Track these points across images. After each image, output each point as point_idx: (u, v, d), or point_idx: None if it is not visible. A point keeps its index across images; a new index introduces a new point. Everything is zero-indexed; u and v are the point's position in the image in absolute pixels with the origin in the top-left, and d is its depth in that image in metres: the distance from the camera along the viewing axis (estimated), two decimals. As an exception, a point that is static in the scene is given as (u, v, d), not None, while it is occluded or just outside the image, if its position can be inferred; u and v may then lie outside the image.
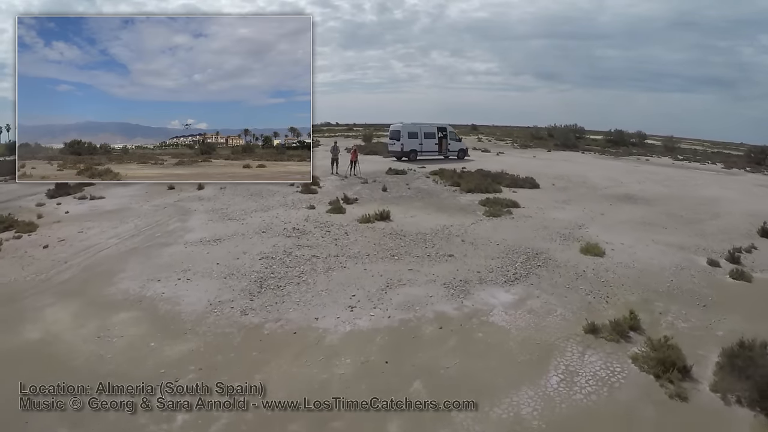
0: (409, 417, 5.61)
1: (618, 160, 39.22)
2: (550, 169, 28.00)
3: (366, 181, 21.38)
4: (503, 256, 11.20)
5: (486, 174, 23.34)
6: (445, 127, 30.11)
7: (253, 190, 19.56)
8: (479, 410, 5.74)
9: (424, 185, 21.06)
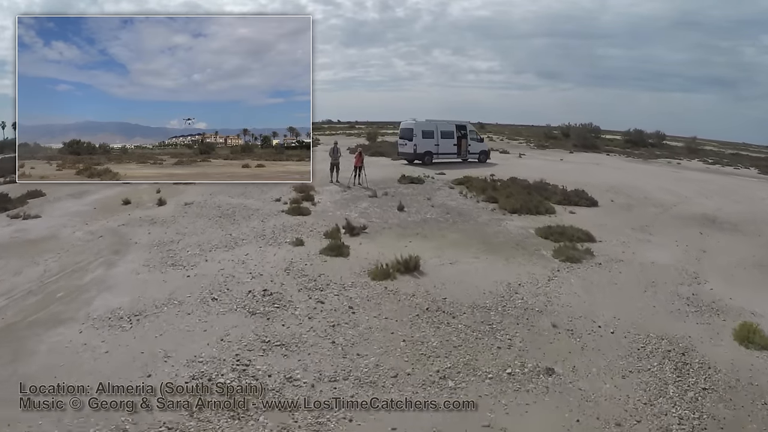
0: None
1: (650, 163, 34.02)
2: (590, 176, 22.79)
3: (375, 194, 16.15)
4: (634, 363, 6.09)
5: (525, 185, 18.16)
6: (464, 125, 24.85)
7: (225, 208, 14.37)
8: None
9: (451, 200, 15.85)
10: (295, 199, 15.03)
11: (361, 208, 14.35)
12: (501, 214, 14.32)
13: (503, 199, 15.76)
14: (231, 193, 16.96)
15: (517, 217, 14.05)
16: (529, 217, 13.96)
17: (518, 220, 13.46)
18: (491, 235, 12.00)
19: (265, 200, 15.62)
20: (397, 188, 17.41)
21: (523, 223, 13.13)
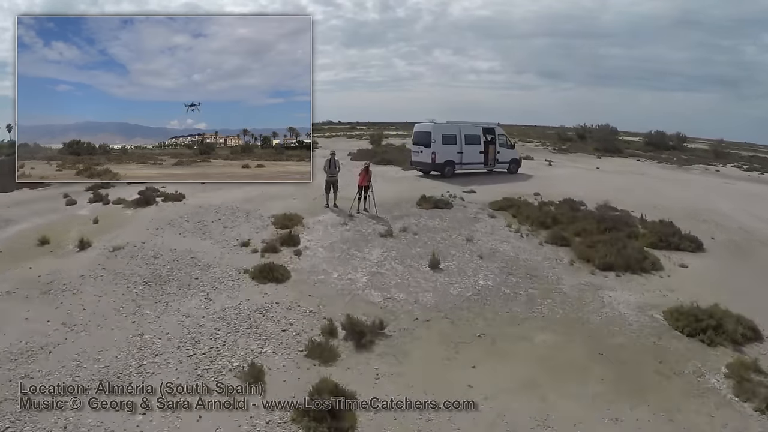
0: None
1: (688, 171, 28.60)
2: (650, 193, 17.40)
3: (390, 231, 10.56)
4: None
5: (591, 213, 12.73)
6: (492, 128, 19.23)
7: (162, 261, 9.09)
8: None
9: (503, 242, 10.34)
10: (271, 244, 9.53)
11: (371, 261, 8.87)
12: (588, 273, 8.93)
13: (578, 241, 10.38)
14: (185, 228, 11.46)
15: (614, 278, 8.67)
16: (632, 280, 8.65)
17: (622, 288, 8.13)
18: (601, 330, 6.62)
19: (228, 243, 10.11)
20: (419, 218, 11.90)
21: (633, 296, 7.81)
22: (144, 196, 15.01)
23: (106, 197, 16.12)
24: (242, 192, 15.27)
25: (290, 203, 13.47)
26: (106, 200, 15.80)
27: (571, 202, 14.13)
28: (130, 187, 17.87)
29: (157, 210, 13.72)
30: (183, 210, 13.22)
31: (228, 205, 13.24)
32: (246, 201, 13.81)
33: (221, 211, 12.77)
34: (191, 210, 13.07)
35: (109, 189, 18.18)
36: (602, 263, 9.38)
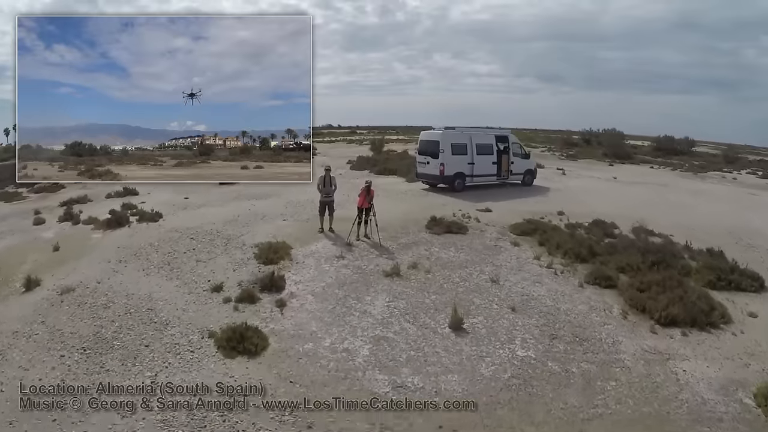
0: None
1: (705, 180, 26.45)
2: (681, 209, 15.33)
3: (396, 269, 8.36)
4: None
5: (634, 243, 10.65)
6: (506, 136, 17.11)
7: (113, 314, 6.95)
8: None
9: (534, 284, 8.23)
10: (248, 291, 7.45)
11: (374, 317, 6.79)
12: (648, 330, 6.90)
13: (625, 281, 8.35)
14: (152, 261, 9.40)
15: (681, 338, 6.67)
16: (703, 341, 6.68)
17: (695, 356, 6.15)
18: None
19: (197, 286, 8.03)
20: (430, 247, 9.81)
21: (712, 368, 5.87)
22: (115, 216, 12.94)
23: (77, 216, 14.07)
24: (227, 210, 13.18)
25: (280, 225, 11.39)
26: (77, 219, 13.75)
27: (602, 225, 12.04)
28: (110, 202, 15.85)
29: (128, 233, 11.66)
30: (156, 234, 11.15)
31: (207, 229, 11.16)
32: (229, 223, 11.73)
33: (198, 236, 10.69)
34: (165, 235, 11.00)
35: (86, 204, 16.17)
36: (663, 316, 7.34)
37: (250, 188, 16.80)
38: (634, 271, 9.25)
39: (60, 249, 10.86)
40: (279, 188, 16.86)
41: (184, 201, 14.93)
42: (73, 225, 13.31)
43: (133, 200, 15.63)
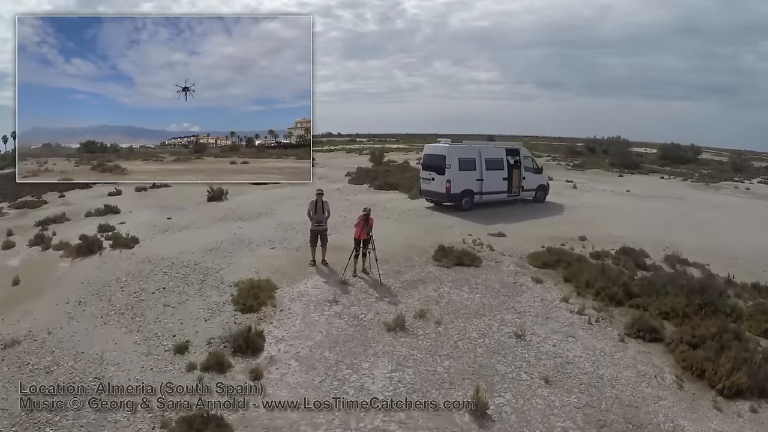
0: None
1: (720, 190, 24.87)
2: (703, 229, 13.76)
3: (400, 322, 6.71)
4: None
5: (669, 276, 9.04)
6: (517, 149, 15.53)
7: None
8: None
9: (566, 339, 6.62)
10: (218, 356, 5.86)
11: (372, 394, 5.19)
12: (711, 405, 5.40)
13: (672, 332, 6.79)
14: (113, 305, 7.84)
15: (750, 415, 5.24)
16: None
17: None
18: None
19: (159, 344, 6.45)
20: (439, 286, 8.22)
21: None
22: (86, 242, 11.39)
23: (48, 240, 12.54)
24: (211, 234, 11.62)
25: (266, 255, 9.81)
26: (48, 244, 12.22)
27: (631, 254, 10.47)
28: (88, 221, 14.33)
29: (98, 263, 10.12)
30: (126, 266, 9.59)
31: (184, 260, 9.59)
32: (210, 251, 10.15)
33: (172, 270, 9.12)
34: (135, 267, 9.44)
35: (63, 223, 14.64)
36: (727, 386, 5.78)
37: (241, 206, 15.26)
38: (680, 317, 7.70)
39: (20, 283, 9.38)
40: (272, 205, 15.29)
41: (165, 222, 13.37)
42: (43, 250, 11.82)
43: (114, 219, 14.10)
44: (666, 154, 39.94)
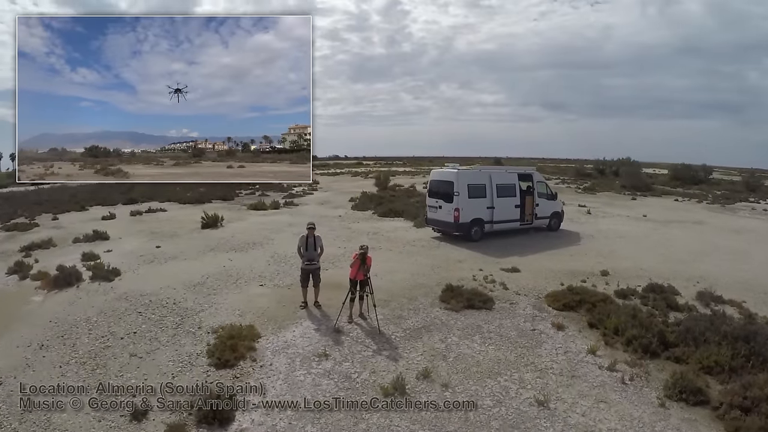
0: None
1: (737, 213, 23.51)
2: (732, 259, 12.54)
3: (400, 385, 5.53)
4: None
5: (710, 321, 7.85)
6: (530, 174, 14.51)
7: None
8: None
9: (597, 406, 5.47)
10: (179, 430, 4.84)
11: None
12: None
13: (717, 392, 5.66)
14: (77, 350, 6.92)
15: None
16: None
17: None
18: None
19: (115, 407, 5.42)
20: (447, 335, 7.13)
21: None
22: (63, 273, 10.50)
23: (28, 268, 11.69)
24: (198, 267, 10.68)
25: (253, 295, 8.81)
26: (26, 273, 11.38)
27: (660, 291, 9.32)
28: (75, 248, 13.48)
29: (72, 298, 9.20)
30: (100, 303, 8.65)
31: (163, 298, 8.63)
32: (193, 288, 9.19)
33: (149, 310, 8.14)
34: (110, 305, 8.49)
35: (48, 249, 13.81)
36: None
37: (235, 235, 14.33)
38: (726, 372, 6.55)
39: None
40: (268, 234, 14.35)
41: (153, 251, 12.48)
42: (20, 280, 11.00)
43: (101, 247, 13.24)
44: (677, 175, 38.74)
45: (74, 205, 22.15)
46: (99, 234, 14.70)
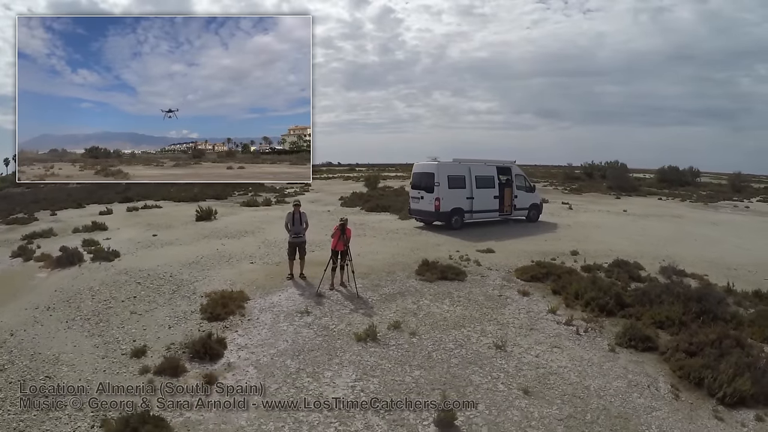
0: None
1: (720, 210, 24.38)
2: (702, 244, 13.27)
3: (371, 331, 6.23)
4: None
5: (663, 286, 8.57)
6: (508, 167, 15.29)
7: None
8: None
9: (551, 350, 6.17)
10: (174, 360, 5.48)
11: (329, 408, 4.76)
12: (712, 416, 4.88)
13: (666, 341, 6.34)
14: (81, 311, 7.50)
15: (756, 424, 4.72)
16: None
17: None
18: None
19: (117, 348, 6.07)
20: (419, 299, 7.83)
21: None
22: (66, 254, 11.14)
23: (31, 251, 12.32)
24: (193, 250, 11.34)
25: (244, 269, 9.48)
26: (29, 255, 12.00)
27: (625, 266, 10.06)
28: (74, 237, 14.08)
29: (75, 274, 9.82)
30: (101, 277, 9.28)
31: (160, 272, 9.28)
32: (188, 265, 9.85)
33: (146, 281, 8.79)
34: (111, 278, 9.13)
35: (49, 238, 14.41)
36: (728, 394, 5.30)
37: (228, 226, 15.00)
38: (677, 326, 7.24)
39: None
40: (260, 225, 15.03)
41: (150, 238, 13.13)
42: (24, 261, 11.61)
43: (100, 236, 13.86)
44: (664, 177, 39.74)
45: (71, 203, 22.82)
46: (97, 225, 15.33)
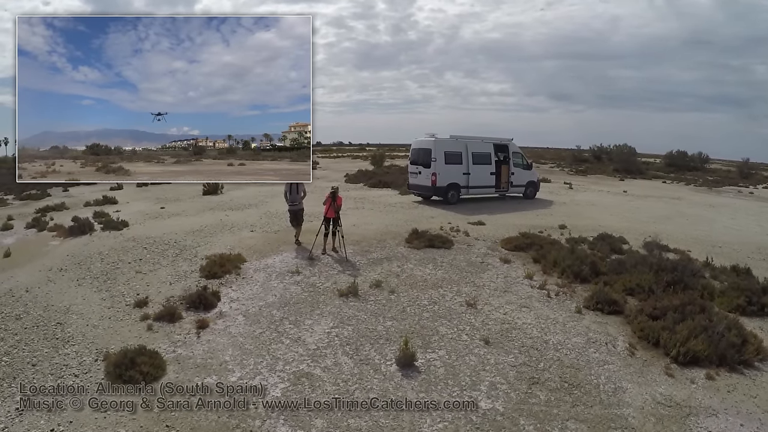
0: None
1: (722, 194, 24.29)
2: (694, 222, 13.49)
3: (353, 288, 6.82)
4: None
5: (641, 256, 8.93)
6: (505, 145, 15.58)
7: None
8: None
9: (520, 310, 6.64)
10: (171, 308, 6.08)
11: (307, 347, 5.33)
12: (663, 372, 5.29)
13: (634, 306, 6.74)
14: (91, 272, 8.16)
15: (705, 382, 5.18)
16: (734, 386, 5.10)
17: (725, 408, 4.59)
18: None
19: (122, 300, 6.69)
20: (404, 263, 8.33)
21: (747, 427, 4.10)
22: (78, 224, 11.85)
23: (45, 222, 13.07)
24: (198, 220, 11.96)
25: (244, 236, 10.08)
26: (43, 226, 12.75)
27: (609, 240, 10.40)
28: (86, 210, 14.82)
29: (86, 242, 10.51)
30: (111, 243, 9.95)
31: (166, 239, 9.92)
32: (192, 233, 10.48)
33: (152, 246, 9.44)
34: (119, 244, 9.80)
35: (62, 211, 15.17)
36: (682, 353, 5.71)
37: (233, 199, 15.61)
38: (646, 293, 7.62)
39: (11, 255, 9.83)
40: (263, 197, 15.63)
41: (158, 210, 13.79)
42: (38, 232, 12.33)
43: (110, 209, 14.57)
44: (672, 162, 39.33)
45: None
46: (108, 199, 16.05)
